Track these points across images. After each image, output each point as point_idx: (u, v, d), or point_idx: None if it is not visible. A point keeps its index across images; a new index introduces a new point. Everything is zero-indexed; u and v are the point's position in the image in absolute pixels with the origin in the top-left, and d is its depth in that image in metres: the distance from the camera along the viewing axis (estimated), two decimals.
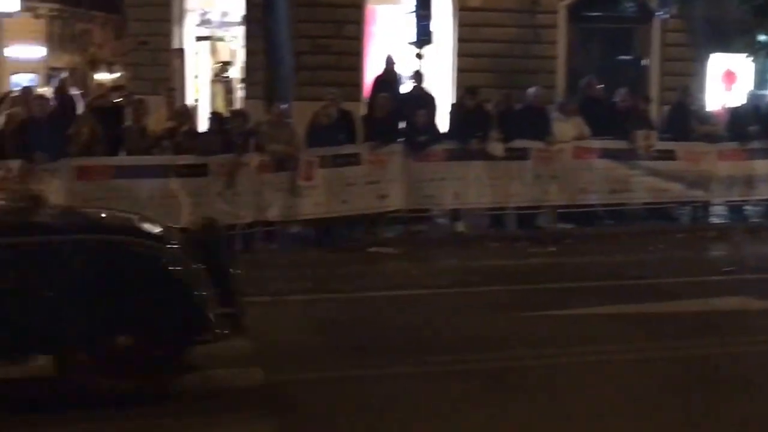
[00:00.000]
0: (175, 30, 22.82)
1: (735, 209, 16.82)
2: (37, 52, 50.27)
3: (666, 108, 17.91)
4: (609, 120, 16.19)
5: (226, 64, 24.30)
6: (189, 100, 22.02)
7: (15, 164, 13.21)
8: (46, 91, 21.58)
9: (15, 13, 46.76)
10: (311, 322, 10.32)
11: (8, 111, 16.43)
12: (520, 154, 15.50)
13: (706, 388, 8.29)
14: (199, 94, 23.56)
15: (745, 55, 20.12)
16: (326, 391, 8.14)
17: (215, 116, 15.90)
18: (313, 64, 20.52)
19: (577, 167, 15.74)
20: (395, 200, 15.12)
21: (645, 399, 8.02)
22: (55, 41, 51.85)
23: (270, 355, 9.00)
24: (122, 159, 14.24)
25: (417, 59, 17.92)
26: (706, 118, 16.96)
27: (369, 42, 21.35)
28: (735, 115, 17.14)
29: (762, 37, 19.46)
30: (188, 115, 15.86)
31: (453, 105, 16.98)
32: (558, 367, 8.81)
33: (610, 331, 10.01)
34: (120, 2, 27.96)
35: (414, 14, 17.98)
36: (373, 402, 7.92)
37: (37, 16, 50.61)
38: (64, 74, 30.04)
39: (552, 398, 8.02)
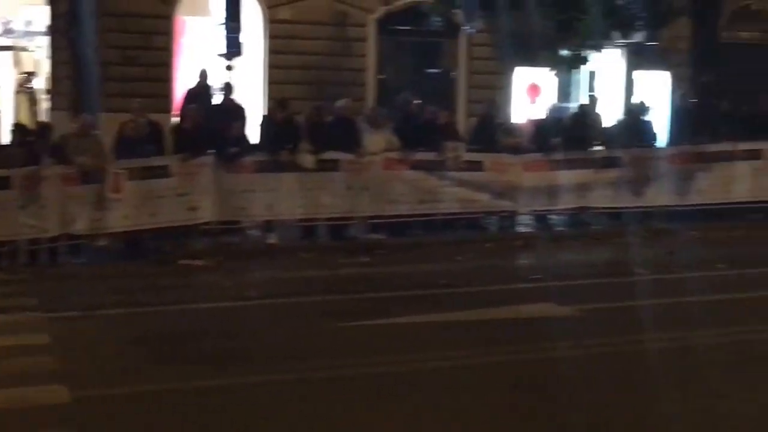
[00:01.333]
0: None
1: (540, 218, 17.31)
2: None
3: (473, 120, 18.30)
4: (419, 132, 16.46)
5: (30, 75, 23.55)
6: None
7: None
8: None
9: None
10: (121, 337, 10.07)
11: None
12: (331, 166, 15.59)
13: (521, 393, 8.46)
14: (1, 105, 22.75)
15: (549, 68, 20.77)
16: (138, 406, 7.95)
17: (18, 128, 15.37)
18: (122, 75, 20.13)
19: (388, 178, 15.93)
20: (206, 212, 14.98)
21: (460, 406, 8.12)
22: None
23: (78, 371, 8.77)
24: None
25: (227, 71, 17.78)
26: (512, 130, 17.44)
27: (179, 53, 21.08)
28: (539, 127, 17.67)
29: (564, 52, 20.13)
30: None
31: (263, 117, 16.93)
32: (372, 376, 8.84)
33: (423, 340, 10.11)
34: None
35: (223, 26, 17.84)
36: (189, 415, 7.80)
37: None
38: None
39: (370, 407, 8.04)
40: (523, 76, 22.33)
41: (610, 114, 19.45)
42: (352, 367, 8.99)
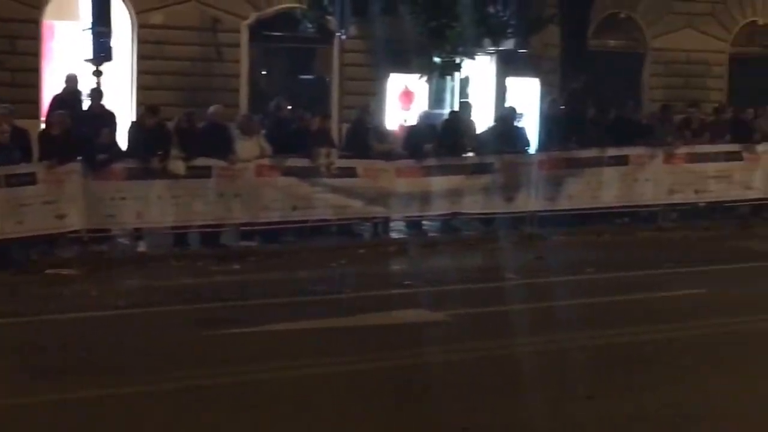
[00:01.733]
0: None
1: (413, 224, 17.41)
2: None
3: (346, 126, 18.32)
4: (292, 138, 16.41)
5: None
6: None
7: None
8: None
9: None
10: None
11: None
12: (203, 173, 15.42)
13: (399, 399, 8.47)
14: None
15: (421, 75, 20.94)
16: (6, 418, 7.74)
17: None
18: None
19: (260, 185, 15.83)
20: (74, 220, 14.67)
21: (334, 412, 8.12)
22: None
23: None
24: None
25: (95, 76, 17.44)
26: (385, 136, 17.51)
27: (47, 58, 20.61)
28: (411, 133, 17.79)
29: (437, 59, 20.31)
30: None
31: (133, 123, 16.65)
32: (245, 384, 8.77)
33: (296, 347, 10.07)
34: None
35: (91, 30, 17.49)
36: (60, 428, 7.64)
37: None
38: None
39: (237, 417, 7.97)
40: (396, 83, 22.46)
41: (483, 120, 19.68)
42: (224, 376, 8.91)
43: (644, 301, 12.37)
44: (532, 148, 18.47)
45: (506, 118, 18.70)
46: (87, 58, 17.60)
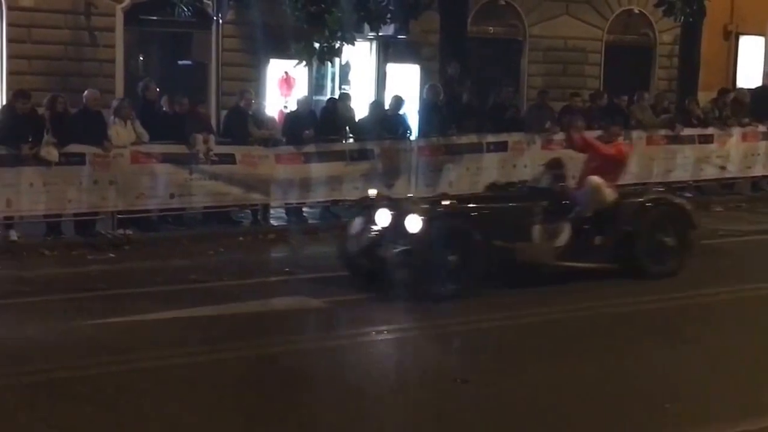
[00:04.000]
0: None
1: (293, 212, 17.27)
2: None
3: (224, 112, 18.07)
4: (168, 124, 16.10)
5: None
6: None
7: None
8: None
9: None
10: None
11: None
12: (77, 160, 15.01)
13: (271, 387, 8.40)
14: None
15: (299, 60, 20.75)
16: None
17: None
18: None
19: (136, 172, 15.48)
20: None
21: (209, 401, 8.03)
22: None
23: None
24: None
25: None
26: (264, 122, 17.30)
27: None
28: (291, 119, 17.64)
29: (316, 44, 20.15)
30: None
31: (2, 107, 16.13)
32: (119, 374, 8.62)
33: (172, 336, 9.95)
34: None
35: None
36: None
37: None
38: None
39: (111, 407, 7.79)
40: (276, 69, 22.26)
41: (363, 106, 19.62)
42: (95, 367, 8.75)
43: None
44: (413, 135, 18.48)
45: (390, 106, 18.66)
46: None
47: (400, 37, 23.00)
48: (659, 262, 12.64)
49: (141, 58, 22.62)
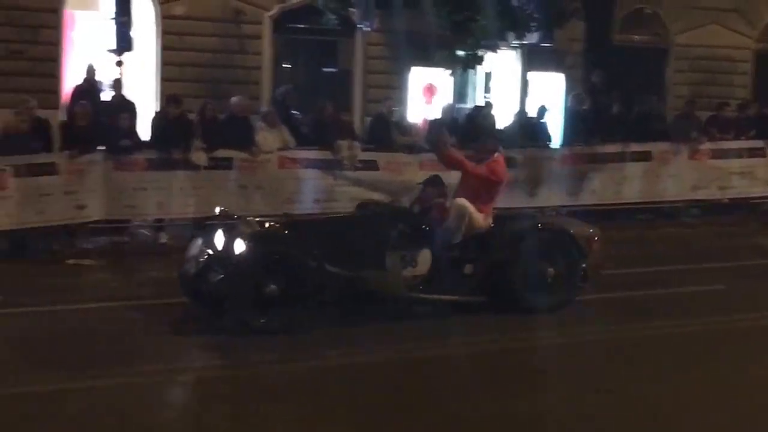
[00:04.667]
0: None
1: None
2: None
3: (369, 119, 18.25)
4: (314, 130, 16.35)
5: None
6: None
7: None
8: None
9: None
10: (4, 338, 9.76)
11: None
12: (224, 164, 15.37)
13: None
14: None
15: (444, 69, 20.83)
16: (16, 407, 7.72)
17: None
18: (8, 70, 19.61)
19: (282, 177, 15.76)
20: (95, 210, 14.65)
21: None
22: None
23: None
24: None
25: (117, 67, 17.42)
26: (407, 129, 17.40)
27: (68, 48, 20.61)
28: (434, 126, 17.66)
29: (460, 52, 20.20)
30: None
31: (156, 113, 16.63)
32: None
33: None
34: None
35: (114, 20, 17.46)
36: (77, 415, 7.63)
37: None
38: None
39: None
40: (419, 76, 22.36)
41: (506, 115, 19.56)
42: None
43: (661, 297, 12.23)
44: (555, 143, 18.35)
45: (524, 112, 18.56)
46: (109, 49, 17.58)
47: (544, 45, 22.87)
48: (539, 295, 10.98)
49: (287, 66, 22.97)
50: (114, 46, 17.36)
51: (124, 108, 15.83)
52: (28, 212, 14.07)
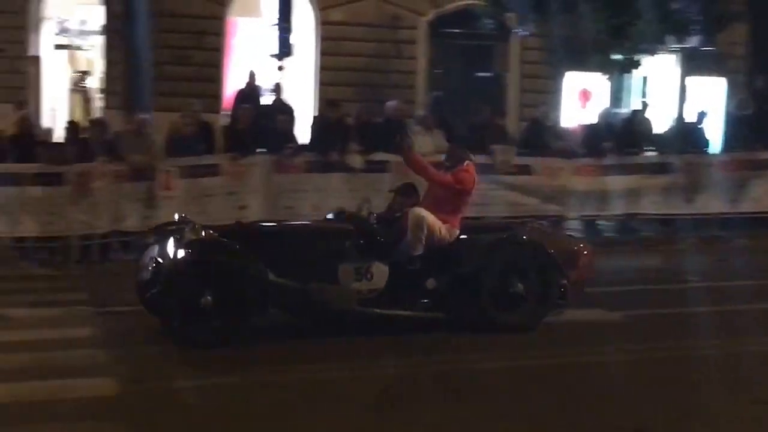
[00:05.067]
0: (32, 38, 22.28)
1: (589, 224, 17.16)
2: None
3: (523, 124, 18.22)
4: (469, 135, 16.41)
5: (84, 74, 23.85)
6: (45, 109, 21.56)
7: None
8: None
9: None
10: (168, 332, 10.08)
11: None
12: (380, 167, 15.57)
13: (565, 397, 8.40)
14: (56, 103, 23.06)
15: (600, 73, 20.63)
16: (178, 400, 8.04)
17: (72, 126, 15.56)
18: (173, 75, 20.30)
19: None
20: (255, 211, 15.00)
21: (493, 407, 8.08)
22: None
23: (124, 365, 8.91)
24: None
25: (278, 71, 17.86)
26: (562, 134, 17.30)
27: (229, 54, 21.21)
28: (590, 131, 17.55)
29: (617, 56, 19.99)
30: (31, 123, 15.51)
31: (315, 117, 16.98)
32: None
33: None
34: None
35: (276, 27, 17.91)
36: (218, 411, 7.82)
37: None
38: None
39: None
40: (574, 81, 22.21)
41: (663, 119, 19.27)
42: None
43: None
44: (714, 149, 17.97)
45: (683, 117, 18.21)
46: (271, 54, 18.03)
47: (704, 48, 22.41)
48: (508, 313, 10.22)
49: (441, 70, 23.11)
50: (275, 52, 17.81)
51: (283, 112, 16.20)
52: (191, 212, 14.44)
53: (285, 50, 17.85)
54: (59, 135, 17.08)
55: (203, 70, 20.80)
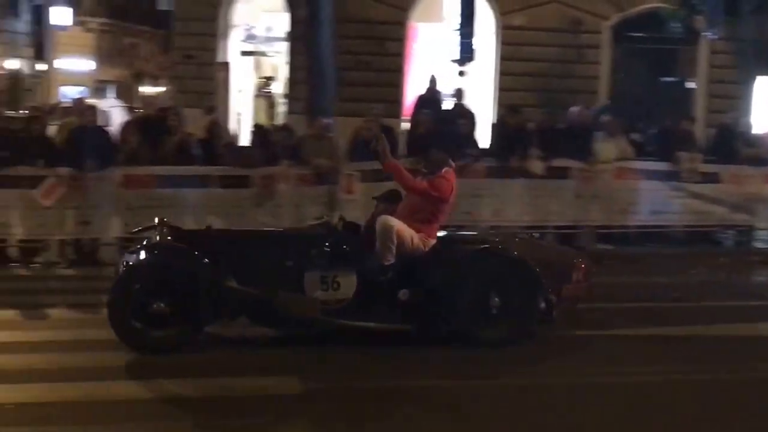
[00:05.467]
0: (220, 44, 22.98)
1: None
2: (86, 65, 50.91)
3: (711, 130, 17.71)
4: (655, 141, 16.08)
5: (269, 79, 24.45)
6: (232, 114, 22.18)
7: (65, 171, 13.56)
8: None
9: (67, 26, 47.68)
10: None
11: (61, 121, 16.74)
12: (561, 173, 15.39)
13: (751, 413, 8.12)
14: (241, 107, 23.71)
15: None
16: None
17: (258, 130, 15.97)
18: (355, 80, 20.58)
19: (619, 187, 15.59)
20: None
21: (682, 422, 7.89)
22: (103, 55, 52.46)
23: (310, 364, 9.04)
24: (165, 168, 14.28)
25: (459, 77, 17.89)
26: (753, 141, 16.74)
27: (410, 59, 21.36)
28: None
29: None
30: (220, 127, 15.95)
31: (495, 123, 16.93)
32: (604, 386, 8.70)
33: (647, 353, 9.84)
34: (166, 17, 28.21)
35: (458, 32, 17.94)
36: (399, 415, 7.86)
37: (87, 30, 51.32)
38: None
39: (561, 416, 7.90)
40: (765, 85, 21.47)
41: None
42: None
43: None
44: None
45: None
46: (452, 59, 18.08)
47: None
48: (485, 328, 9.61)
49: (624, 75, 22.72)
50: (456, 57, 17.83)
51: (463, 117, 16.19)
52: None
53: (466, 55, 17.87)
54: (245, 139, 17.55)
55: (384, 75, 21.01)
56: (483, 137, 16.49)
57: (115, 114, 22.51)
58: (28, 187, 13.59)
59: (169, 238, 9.66)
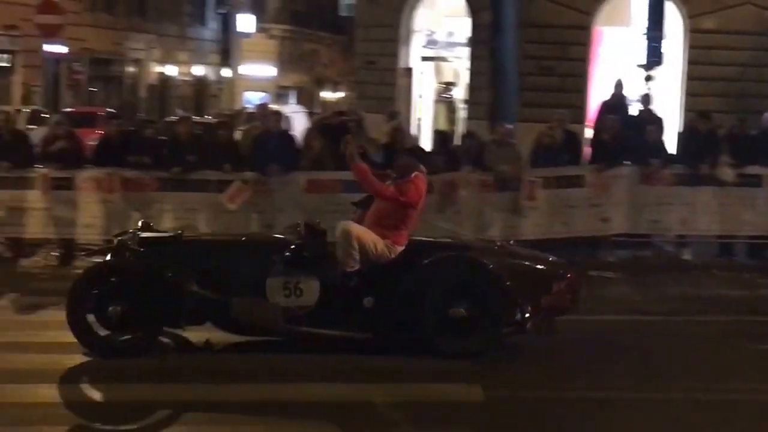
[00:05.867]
0: (402, 50, 23.13)
1: None
2: (268, 71, 52.20)
3: None
4: None
5: (449, 85, 24.48)
6: (413, 119, 22.31)
7: (251, 176, 13.86)
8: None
9: (251, 33, 49.08)
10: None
11: (246, 126, 17.16)
12: (754, 181, 14.83)
13: None
14: (422, 113, 23.83)
15: None
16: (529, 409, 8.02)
17: (439, 135, 15.97)
18: (538, 86, 20.40)
19: None
20: (618, 224, 14.75)
21: None
22: (284, 61, 53.69)
23: (491, 373, 8.95)
24: (350, 174, 14.34)
25: (645, 81, 17.49)
26: None
27: (594, 64, 21.04)
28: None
29: None
30: (403, 132, 15.98)
31: (684, 129, 16.47)
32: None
33: None
34: (347, 24, 28.62)
35: (645, 36, 17.55)
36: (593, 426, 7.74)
37: (270, 37, 52.64)
38: None
39: None
40: None
41: None
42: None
43: None
44: None
45: None
46: (639, 64, 17.70)
47: None
48: (451, 337, 9.24)
49: None
50: (644, 61, 17.45)
51: (651, 123, 15.81)
52: (554, 222, 14.52)
53: (654, 60, 17.46)
54: (425, 144, 17.57)
55: (568, 80, 20.77)
56: (670, 144, 16.04)
57: (297, 119, 22.89)
58: (214, 191, 13.94)
59: (131, 242, 9.64)
